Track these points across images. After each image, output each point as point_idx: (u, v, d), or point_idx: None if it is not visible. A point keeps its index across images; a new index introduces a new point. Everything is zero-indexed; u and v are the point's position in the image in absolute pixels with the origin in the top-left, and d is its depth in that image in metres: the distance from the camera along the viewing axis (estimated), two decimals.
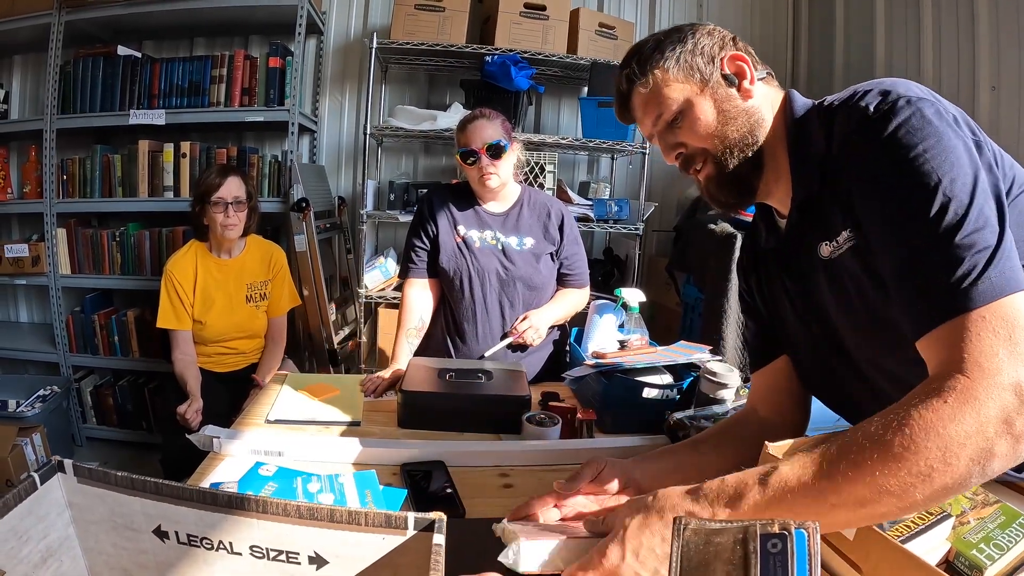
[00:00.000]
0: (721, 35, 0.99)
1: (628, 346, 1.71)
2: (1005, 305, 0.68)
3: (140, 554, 0.65)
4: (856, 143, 0.82)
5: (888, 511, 0.66)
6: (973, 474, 0.64)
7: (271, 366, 2.54)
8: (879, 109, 0.79)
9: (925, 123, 0.75)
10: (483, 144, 1.86)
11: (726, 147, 0.95)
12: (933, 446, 0.63)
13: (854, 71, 3.17)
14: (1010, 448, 0.63)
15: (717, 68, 0.96)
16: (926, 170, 0.73)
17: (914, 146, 0.75)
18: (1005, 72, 2.34)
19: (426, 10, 3.01)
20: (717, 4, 3.69)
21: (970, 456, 0.63)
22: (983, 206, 0.71)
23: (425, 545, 0.55)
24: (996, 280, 0.68)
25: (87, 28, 3.19)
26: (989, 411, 0.63)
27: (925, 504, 0.66)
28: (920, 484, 0.64)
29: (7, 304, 3.77)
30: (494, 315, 1.97)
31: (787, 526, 0.56)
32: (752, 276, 1.14)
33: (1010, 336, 0.66)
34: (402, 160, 3.64)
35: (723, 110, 0.95)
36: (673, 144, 1.00)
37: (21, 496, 0.61)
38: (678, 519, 0.60)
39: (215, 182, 2.39)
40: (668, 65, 0.96)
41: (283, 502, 0.58)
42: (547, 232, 2.01)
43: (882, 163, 0.78)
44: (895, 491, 0.64)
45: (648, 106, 1.00)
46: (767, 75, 1.00)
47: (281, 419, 1.47)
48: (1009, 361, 0.65)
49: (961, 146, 0.74)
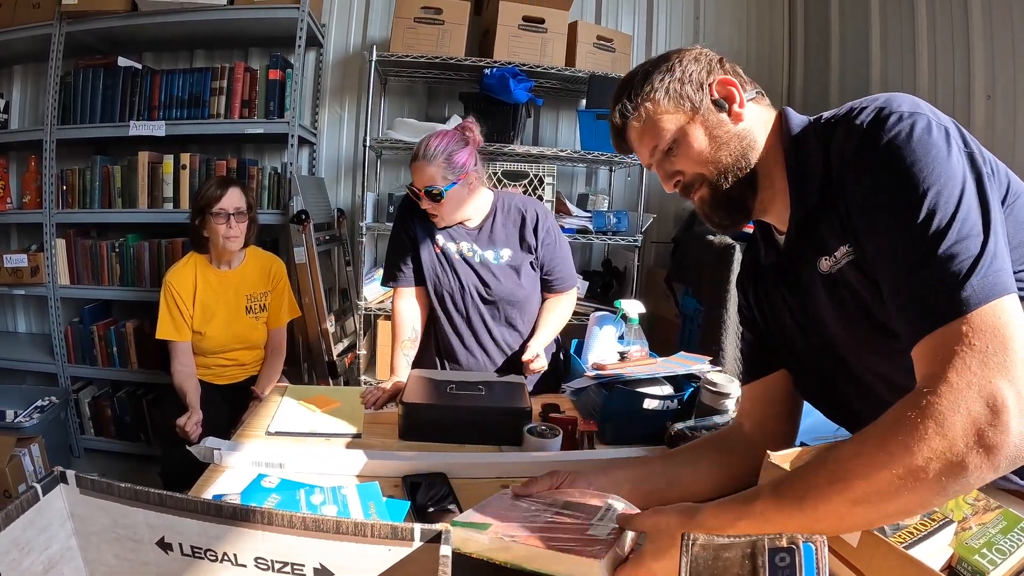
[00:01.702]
0: (708, 59, 1.01)
1: (628, 357, 1.71)
2: (985, 313, 0.68)
3: (143, 566, 0.65)
4: (852, 160, 0.83)
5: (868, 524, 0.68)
6: (948, 490, 0.64)
7: (271, 378, 2.53)
8: (873, 124, 0.80)
9: (915, 137, 0.76)
10: (422, 187, 1.83)
11: (720, 171, 0.97)
12: (900, 468, 0.64)
13: (850, 82, 3.19)
14: (983, 460, 0.63)
15: (706, 94, 0.98)
16: (913, 183, 0.74)
17: (902, 160, 0.76)
18: (1000, 81, 2.36)
19: (425, 23, 3.03)
20: (713, 17, 3.71)
21: (939, 471, 0.64)
22: (968, 216, 0.72)
23: (432, 556, 0.55)
24: (977, 288, 0.69)
25: (87, 39, 3.20)
26: (955, 427, 0.64)
27: (899, 518, 0.68)
28: (890, 502, 0.65)
29: (5, 314, 3.76)
30: (480, 330, 1.96)
31: (795, 540, 0.56)
32: (751, 291, 1.14)
33: (986, 347, 0.66)
34: (401, 172, 3.64)
35: (715, 136, 0.97)
36: (671, 172, 1.02)
37: (23, 507, 0.61)
38: (686, 535, 0.60)
39: (216, 194, 2.39)
40: (658, 96, 0.98)
41: (288, 514, 0.58)
42: (523, 239, 1.95)
43: (874, 178, 0.79)
44: (865, 514, 0.66)
45: (644, 138, 1.02)
46: (757, 94, 1.01)
47: (282, 431, 1.47)
48: (981, 372, 0.65)
49: (951, 157, 0.75)
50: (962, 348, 0.67)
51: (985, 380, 0.65)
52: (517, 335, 1.99)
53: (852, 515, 0.67)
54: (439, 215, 1.87)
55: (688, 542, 0.59)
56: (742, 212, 1.00)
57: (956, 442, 0.63)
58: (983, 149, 0.81)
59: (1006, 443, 0.63)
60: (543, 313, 2.01)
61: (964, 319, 0.68)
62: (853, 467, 0.67)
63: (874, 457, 0.66)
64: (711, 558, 0.59)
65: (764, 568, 0.55)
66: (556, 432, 1.39)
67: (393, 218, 2.03)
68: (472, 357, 1.98)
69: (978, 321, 0.68)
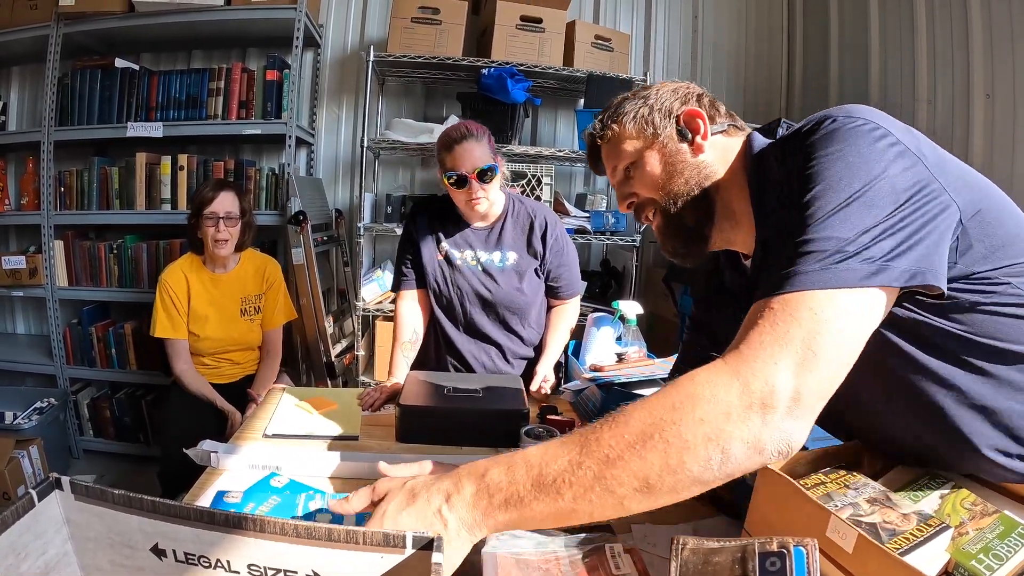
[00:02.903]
0: (686, 91, 1.04)
1: (626, 358, 1.71)
2: (804, 298, 0.68)
3: (137, 571, 0.65)
4: (794, 169, 0.83)
5: (640, 500, 0.67)
6: (712, 457, 0.65)
7: (267, 380, 2.53)
8: (810, 131, 0.81)
9: (833, 138, 0.76)
10: (473, 169, 1.78)
11: (671, 198, 1.00)
12: (672, 426, 0.66)
13: (849, 80, 3.19)
14: (750, 437, 0.64)
15: (672, 123, 1.00)
16: (813, 176, 0.75)
17: (812, 157, 0.76)
18: (999, 79, 2.36)
19: (423, 23, 3.02)
20: (712, 16, 3.71)
21: (705, 434, 0.64)
22: (849, 215, 0.71)
23: (424, 564, 0.55)
24: (809, 273, 0.69)
25: (85, 40, 3.20)
26: (731, 396, 0.65)
27: (673, 492, 0.67)
28: (648, 461, 0.65)
29: (4, 316, 3.76)
30: (480, 335, 1.97)
31: (786, 544, 0.56)
32: (714, 312, 1.16)
33: (787, 331, 0.67)
34: (399, 172, 3.65)
35: (670, 163, 0.99)
36: (626, 194, 1.06)
37: (19, 513, 0.61)
38: (676, 538, 0.60)
39: (208, 196, 2.40)
40: (625, 121, 1.03)
41: (280, 521, 0.58)
42: (530, 245, 1.95)
43: (796, 175, 0.80)
44: (623, 474, 0.66)
45: (608, 158, 1.08)
46: (729, 127, 1.02)
47: (279, 433, 1.46)
48: (771, 352, 0.66)
49: (868, 159, 0.74)
50: (766, 324, 0.68)
51: (770, 364, 0.65)
52: (518, 340, 2.00)
53: (605, 475, 0.66)
54: (485, 196, 1.83)
55: (678, 546, 0.59)
56: (699, 241, 1.02)
57: (723, 417, 0.64)
58: (950, 158, 0.80)
59: (770, 434, 0.65)
60: (550, 330, 2.01)
61: (780, 297, 0.69)
62: (630, 417, 0.68)
63: (644, 413, 0.68)
64: (701, 562, 0.58)
65: (755, 572, 0.55)
66: (553, 434, 1.39)
67: (404, 224, 2.02)
68: (473, 360, 1.98)
69: (793, 303, 0.68)
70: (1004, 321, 0.77)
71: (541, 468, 0.69)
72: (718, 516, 1.08)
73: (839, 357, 0.67)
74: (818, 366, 0.66)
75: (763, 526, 0.81)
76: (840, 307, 0.67)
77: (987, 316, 0.77)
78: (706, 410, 0.65)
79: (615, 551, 0.86)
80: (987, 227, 0.77)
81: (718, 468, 0.65)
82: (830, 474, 0.84)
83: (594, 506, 0.67)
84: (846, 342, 0.68)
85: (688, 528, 1.04)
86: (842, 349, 0.67)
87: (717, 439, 0.64)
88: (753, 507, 0.83)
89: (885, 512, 0.75)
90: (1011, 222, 0.80)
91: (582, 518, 0.69)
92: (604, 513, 0.67)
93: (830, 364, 0.66)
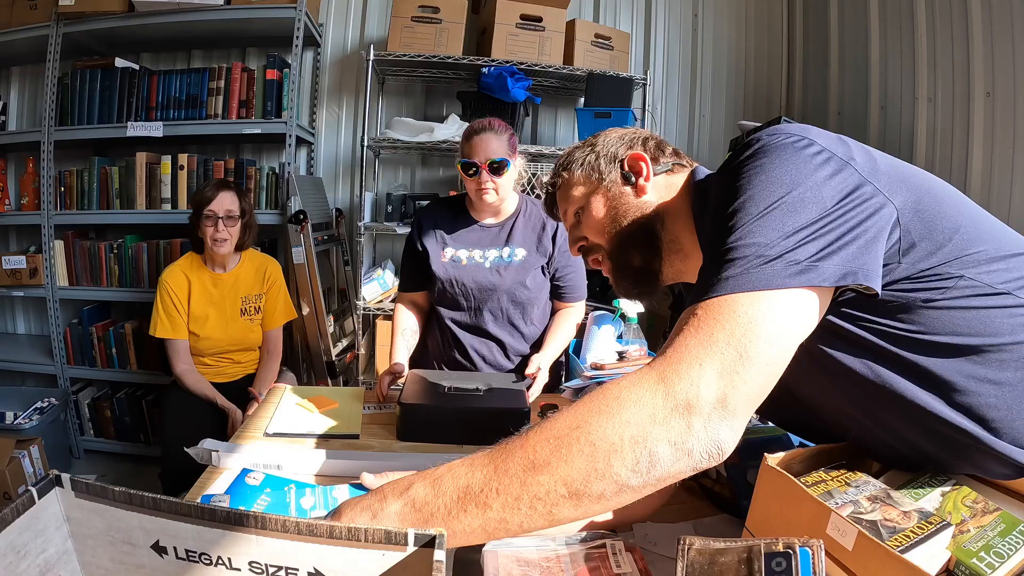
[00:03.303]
0: (632, 136, 1.09)
1: (627, 357, 1.71)
2: (728, 301, 0.68)
3: (138, 569, 0.65)
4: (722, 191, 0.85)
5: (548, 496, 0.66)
6: (640, 459, 0.64)
7: (268, 379, 2.54)
8: (739, 153, 0.82)
9: (758, 154, 0.78)
10: (486, 159, 1.83)
11: (617, 240, 1.05)
12: (595, 434, 0.65)
13: (849, 77, 3.19)
14: (675, 442, 0.64)
15: (617, 168, 1.06)
16: (734, 187, 0.76)
17: (739, 174, 0.77)
18: (999, 77, 2.36)
19: (423, 22, 3.02)
20: (712, 14, 3.71)
21: (632, 436, 0.64)
22: (774, 220, 0.71)
23: (426, 561, 0.55)
24: (731, 279, 0.69)
25: (84, 40, 3.20)
26: (656, 399, 0.65)
27: (587, 492, 0.65)
28: (571, 469, 0.64)
29: (4, 316, 3.76)
30: (482, 329, 1.98)
31: (791, 544, 0.56)
32: None
33: (711, 334, 0.67)
34: (399, 172, 3.65)
35: (613, 207, 1.05)
36: (577, 238, 1.12)
37: (19, 511, 0.61)
38: (682, 539, 0.60)
39: (208, 195, 2.40)
40: (574, 168, 1.10)
41: (282, 518, 0.58)
42: (540, 243, 1.98)
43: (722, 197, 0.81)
44: (546, 483, 0.65)
45: (561, 203, 1.14)
46: (674, 165, 1.06)
47: (280, 432, 1.46)
48: (696, 351, 0.66)
49: (789, 168, 0.75)
50: (690, 329, 0.68)
51: (695, 368, 0.66)
52: (520, 336, 2.00)
53: (532, 482, 0.65)
54: (495, 187, 1.86)
55: (684, 546, 0.59)
56: (649, 279, 1.05)
57: (649, 419, 0.64)
58: (878, 161, 0.81)
59: (696, 436, 0.64)
60: (554, 327, 2.02)
61: (705, 303, 0.69)
62: (555, 423, 0.67)
63: (569, 418, 0.67)
64: (707, 563, 0.58)
65: (760, 573, 0.55)
66: None
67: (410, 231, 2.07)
68: (475, 355, 1.99)
69: (717, 307, 0.68)
70: (963, 315, 0.76)
71: (468, 479, 0.68)
72: (719, 514, 1.08)
73: (766, 359, 0.67)
74: (744, 369, 0.65)
75: (764, 524, 0.81)
76: (764, 309, 0.68)
77: (942, 312, 0.76)
78: (632, 412, 0.65)
79: (616, 548, 0.86)
80: (929, 223, 0.78)
81: (647, 472, 0.64)
82: (831, 472, 0.84)
83: (523, 516, 0.65)
84: (772, 343, 0.67)
85: (689, 527, 1.03)
86: (769, 351, 0.67)
87: (644, 441, 0.64)
88: (754, 505, 0.83)
89: (886, 510, 0.75)
90: (953, 213, 0.80)
91: (513, 530, 0.67)
92: (535, 523, 0.66)
93: (756, 366, 0.66)
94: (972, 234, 0.79)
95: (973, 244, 0.78)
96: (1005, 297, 0.76)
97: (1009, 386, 0.76)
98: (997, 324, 0.76)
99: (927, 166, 2.60)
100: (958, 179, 2.44)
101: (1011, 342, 0.76)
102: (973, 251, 0.77)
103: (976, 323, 0.76)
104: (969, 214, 0.82)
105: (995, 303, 0.76)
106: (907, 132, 2.74)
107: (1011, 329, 0.76)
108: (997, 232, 0.83)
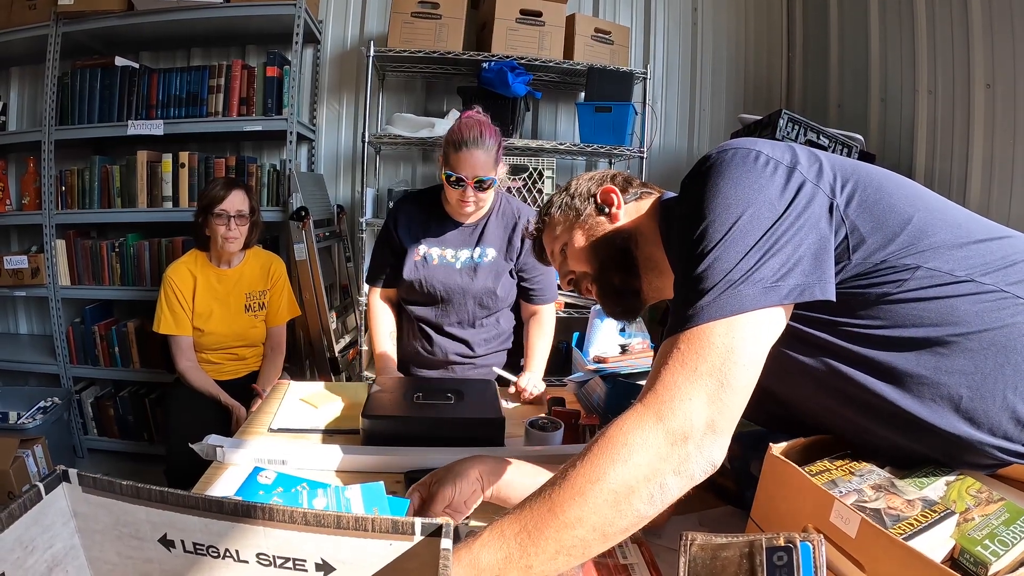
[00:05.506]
0: (602, 176, 1.20)
1: (630, 350, 1.72)
2: (704, 332, 0.72)
3: (146, 563, 0.65)
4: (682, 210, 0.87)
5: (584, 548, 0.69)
6: (654, 493, 0.69)
7: (271, 376, 2.54)
8: (691, 172, 0.87)
9: (709, 174, 0.81)
10: (473, 176, 1.78)
11: (598, 262, 1.15)
12: (609, 479, 0.69)
13: (849, 70, 3.18)
14: (679, 473, 0.69)
15: (591, 203, 1.16)
16: (694, 212, 0.80)
17: (694, 197, 0.81)
18: (999, 69, 2.35)
19: (423, 18, 3.02)
20: (711, 8, 3.70)
21: (644, 476, 0.68)
22: (734, 244, 0.75)
23: (432, 551, 0.55)
24: (705, 307, 0.73)
25: (84, 39, 3.20)
26: (659, 438, 0.69)
27: (609, 530, 0.69)
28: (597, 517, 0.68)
29: (7, 316, 3.77)
30: (451, 328, 1.99)
31: (792, 539, 0.56)
32: None
33: (696, 368, 0.71)
34: (400, 167, 3.64)
35: (591, 235, 1.15)
36: (566, 272, 1.22)
37: (26, 506, 0.61)
38: (684, 535, 0.60)
39: (219, 194, 2.40)
40: (554, 211, 1.22)
41: (289, 509, 0.58)
42: (510, 243, 1.96)
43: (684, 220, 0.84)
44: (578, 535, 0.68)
45: (547, 245, 1.25)
46: (642, 193, 1.17)
47: (284, 428, 1.47)
48: (684, 387, 0.70)
49: (740, 186, 0.78)
50: (675, 363, 0.72)
51: (685, 402, 0.70)
52: (486, 335, 2.03)
53: (567, 538, 0.67)
54: (477, 204, 1.86)
55: (686, 542, 0.60)
56: (631, 298, 1.14)
57: (657, 458, 0.68)
58: (821, 158, 0.84)
59: (695, 460, 0.69)
60: (533, 339, 2.01)
61: (684, 334, 0.73)
62: (575, 480, 0.69)
63: (587, 471, 0.69)
64: (709, 558, 0.59)
65: (762, 567, 0.56)
66: (558, 425, 1.40)
67: (385, 220, 2.04)
68: (445, 351, 2.00)
69: (695, 337, 0.72)
70: (924, 306, 0.77)
71: (507, 551, 0.68)
72: (723, 506, 1.09)
73: (745, 379, 0.72)
74: (726, 395, 0.70)
75: (769, 514, 0.81)
76: (737, 335, 0.72)
77: (902, 305, 0.78)
78: (641, 455, 0.68)
79: (623, 540, 0.86)
80: (878, 216, 0.79)
81: (660, 501, 0.69)
82: (835, 461, 0.84)
83: (561, 564, 0.69)
84: (748, 367, 0.72)
85: (694, 519, 1.04)
86: (747, 375, 0.72)
87: (655, 477, 0.68)
88: (759, 494, 0.83)
89: (890, 498, 0.75)
90: (904, 205, 0.81)
91: None
92: (571, 565, 0.70)
93: (736, 391, 0.71)
94: (927, 224, 0.80)
95: (928, 234, 0.79)
96: (968, 284, 0.77)
97: (980, 375, 0.77)
98: (961, 312, 0.77)
99: (928, 158, 2.60)
100: (959, 171, 2.44)
101: (977, 330, 0.77)
102: (929, 240, 0.79)
103: (939, 313, 0.77)
104: (924, 205, 0.83)
105: (958, 291, 0.77)
106: (907, 124, 2.74)
107: (976, 316, 0.77)
108: (958, 220, 0.84)
